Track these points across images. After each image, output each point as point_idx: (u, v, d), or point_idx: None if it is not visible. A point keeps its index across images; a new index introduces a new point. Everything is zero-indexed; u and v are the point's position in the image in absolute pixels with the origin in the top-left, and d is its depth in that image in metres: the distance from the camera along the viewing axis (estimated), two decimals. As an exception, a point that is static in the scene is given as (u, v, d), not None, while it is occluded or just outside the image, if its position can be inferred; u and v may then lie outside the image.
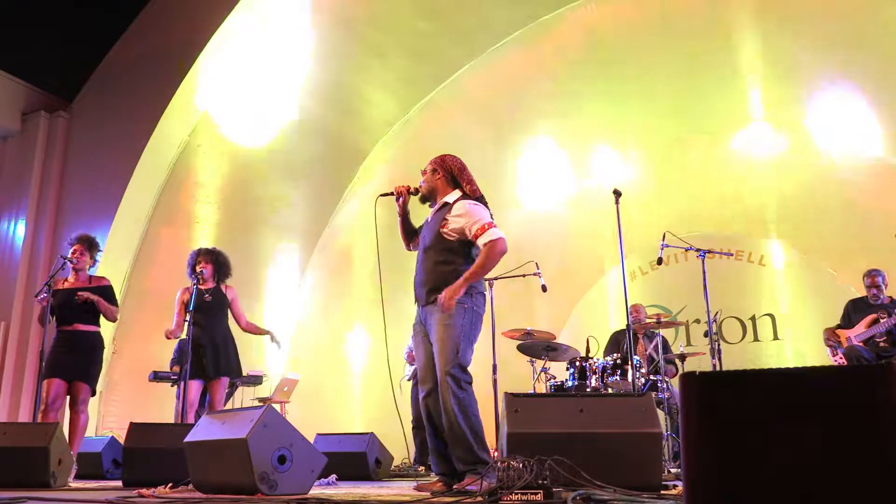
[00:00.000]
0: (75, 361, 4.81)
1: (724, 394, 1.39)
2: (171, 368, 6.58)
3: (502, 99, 8.01)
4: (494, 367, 4.87)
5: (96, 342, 4.97)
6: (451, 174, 3.39)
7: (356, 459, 4.82)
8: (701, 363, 5.83)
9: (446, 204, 3.33)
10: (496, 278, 5.10)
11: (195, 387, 4.95)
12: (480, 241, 3.18)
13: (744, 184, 7.71)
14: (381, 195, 3.55)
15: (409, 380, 6.44)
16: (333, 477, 4.13)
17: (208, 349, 4.97)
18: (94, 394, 4.94)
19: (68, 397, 4.84)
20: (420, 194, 3.47)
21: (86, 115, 8.18)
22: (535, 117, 8.02)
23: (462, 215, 3.23)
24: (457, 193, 3.35)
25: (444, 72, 7.97)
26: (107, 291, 5.01)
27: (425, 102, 8.15)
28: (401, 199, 3.48)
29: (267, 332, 5.40)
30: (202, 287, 5.06)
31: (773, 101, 7.31)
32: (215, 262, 5.20)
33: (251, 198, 8.15)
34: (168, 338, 5.14)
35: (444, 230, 3.25)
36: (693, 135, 8.05)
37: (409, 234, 3.56)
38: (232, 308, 5.23)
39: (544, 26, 7.46)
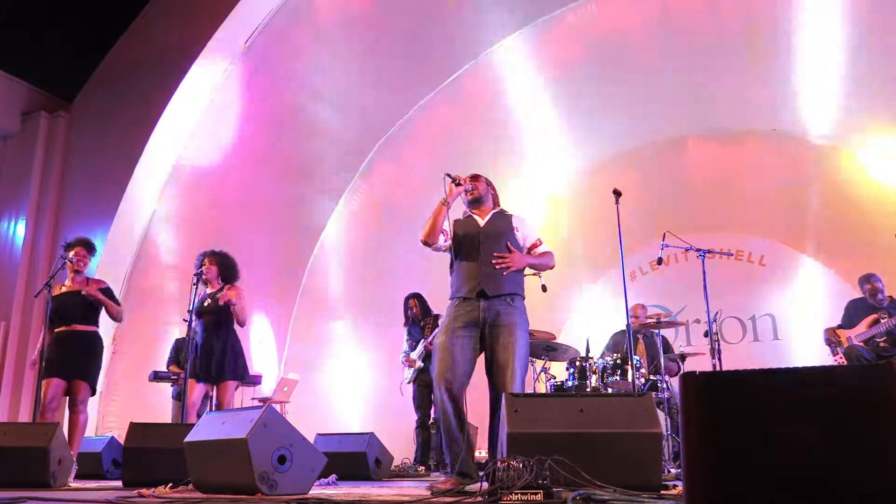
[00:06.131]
0: (74, 360, 4.80)
1: (724, 394, 1.39)
2: (168, 367, 6.59)
3: (502, 99, 8.03)
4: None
5: (95, 341, 4.96)
6: (495, 196, 3.82)
7: (356, 459, 4.81)
8: (701, 363, 5.82)
9: (502, 213, 3.70)
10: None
11: (198, 388, 4.91)
12: (540, 249, 3.70)
13: (744, 183, 7.71)
14: (447, 174, 3.55)
15: (409, 383, 6.43)
16: (333, 477, 4.13)
17: (215, 352, 4.91)
18: (93, 393, 4.93)
19: (67, 397, 4.84)
20: (473, 197, 3.65)
21: (86, 115, 8.17)
22: (534, 117, 8.02)
23: (525, 226, 3.69)
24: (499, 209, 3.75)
25: (444, 72, 7.98)
26: (108, 293, 5.02)
27: (425, 102, 8.15)
28: (459, 188, 3.53)
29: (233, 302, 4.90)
30: (209, 290, 5.07)
31: (774, 100, 7.31)
32: (220, 265, 5.17)
33: (251, 197, 8.14)
34: None
35: (517, 234, 3.61)
36: (693, 135, 8.05)
37: (441, 227, 3.53)
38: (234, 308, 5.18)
39: (544, 27, 7.48)
